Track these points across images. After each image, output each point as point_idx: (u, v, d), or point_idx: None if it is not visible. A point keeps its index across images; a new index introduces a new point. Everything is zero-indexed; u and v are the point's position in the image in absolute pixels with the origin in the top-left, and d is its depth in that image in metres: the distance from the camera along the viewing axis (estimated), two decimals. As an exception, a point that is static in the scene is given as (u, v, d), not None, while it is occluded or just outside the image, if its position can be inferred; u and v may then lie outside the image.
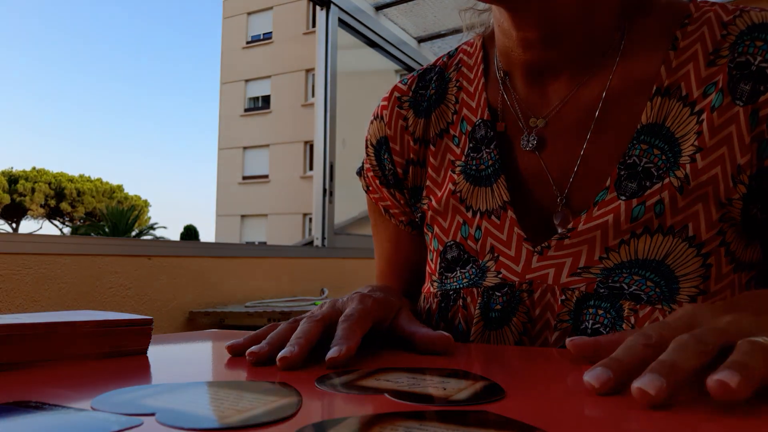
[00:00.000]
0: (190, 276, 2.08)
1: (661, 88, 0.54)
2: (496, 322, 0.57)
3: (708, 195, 0.51)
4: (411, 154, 0.67)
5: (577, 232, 0.54)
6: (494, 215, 0.59)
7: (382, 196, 0.70)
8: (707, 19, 0.55)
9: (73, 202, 26.49)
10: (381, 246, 0.74)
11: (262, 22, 22.23)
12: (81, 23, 52.99)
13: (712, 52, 0.54)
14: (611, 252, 0.53)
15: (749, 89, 0.51)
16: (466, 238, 0.61)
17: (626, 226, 0.53)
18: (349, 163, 2.82)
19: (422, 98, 0.67)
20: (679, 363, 0.31)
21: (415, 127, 0.66)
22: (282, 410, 0.29)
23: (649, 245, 0.52)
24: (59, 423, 0.27)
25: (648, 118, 0.54)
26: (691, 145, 0.52)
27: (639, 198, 0.53)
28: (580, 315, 0.53)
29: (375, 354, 0.47)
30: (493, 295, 0.57)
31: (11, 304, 1.59)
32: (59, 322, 0.44)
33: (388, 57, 3.34)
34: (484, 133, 0.61)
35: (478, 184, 0.61)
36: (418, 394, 0.33)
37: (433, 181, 0.65)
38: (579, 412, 0.30)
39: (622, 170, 0.54)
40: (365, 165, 0.72)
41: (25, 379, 0.38)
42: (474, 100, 0.64)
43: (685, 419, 0.28)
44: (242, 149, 22.50)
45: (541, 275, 0.56)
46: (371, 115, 0.71)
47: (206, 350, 0.55)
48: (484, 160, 0.61)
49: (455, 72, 0.67)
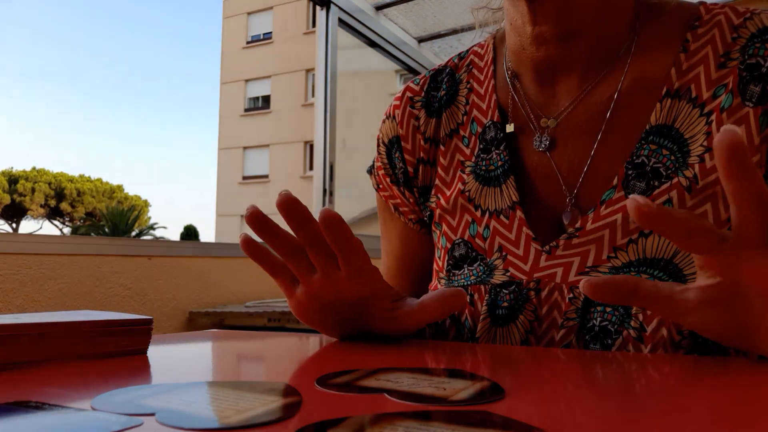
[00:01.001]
0: (190, 276, 2.08)
1: (671, 90, 0.55)
2: (502, 320, 0.57)
3: (717, 195, 0.52)
4: (422, 153, 0.67)
5: (585, 231, 0.55)
6: (503, 215, 0.60)
7: (392, 194, 0.71)
8: (717, 21, 0.56)
9: (73, 202, 26.50)
10: (390, 243, 0.74)
11: (262, 22, 22.24)
12: (81, 23, 52.99)
13: (723, 55, 0.54)
14: (619, 251, 0.53)
15: (759, 91, 0.52)
16: (474, 237, 0.61)
17: (634, 226, 0.53)
18: (349, 163, 2.83)
19: (434, 99, 0.68)
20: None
21: (426, 126, 0.67)
22: (282, 410, 0.29)
23: (658, 244, 0.52)
24: (59, 423, 0.27)
25: (657, 120, 0.55)
26: (699, 146, 0.53)
27: (647, 197, 0.53)
28: (587, 313, 0.53)
29: (375, 354, 0.47)
30: (501, 292, 0.57)
31: (11, 304, 1.60)
32: (59, 322, 0.44)
33: (388, 57, 3.35)
34: (494, 134, 0.62)
35: (488, 184, 0.61)
36: (418, 394, 0.33)
37: (443, 181, 0.66)
38: (579, 412, 0.30)
39: (629, 169, 0.55)
40: (376, 163, 0.73)
41: (25, 379, 0.38)
42: (484, 102, 0.65)
43: (685, 419, 0.28)
44: (242, 149, 22.51)
45: (549, 274, 0.56)
46: (383, 114, 0.72)
47: (206, 350, 0.55)
48: (493, 161, 0.62)
49: (466, 73, 0.68)
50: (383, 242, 0.76)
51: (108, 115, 53.79)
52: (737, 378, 0.36)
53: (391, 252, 0.74)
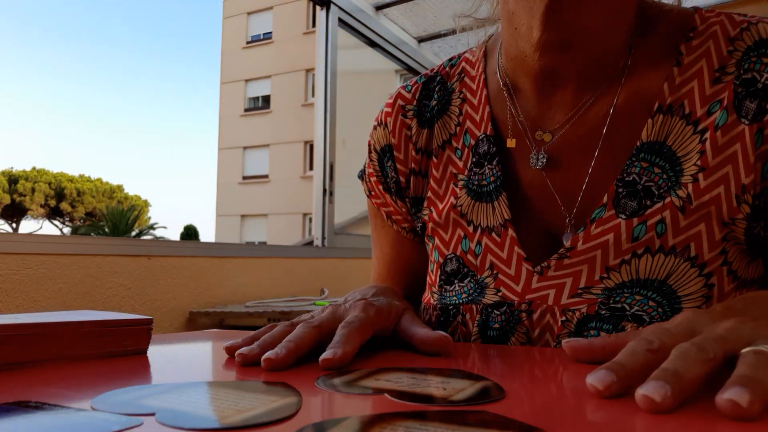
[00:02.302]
0: (190, 276, 2.08)
1: (663, 106, 0.53)
2: (494, 341, 0.56)
3: (711, 215, 0.50)
4: (413, 164, 0.66)
5: (577, 251, 0.53)
6: (495, 232, 0.58)
7: (384, 202, 0.70)
8: (713, 33, 0.54)
9: (73, 202, 26.49)
10: (381, 250, 0.73)
11: (262, 22, 22.23)
12: (81, 23, 53.01)
13: (718, 69, 0.52)
14: (612, 272, 0.52)
15: (755, 107, 0.50)
16: (466, 252, 0.60)
17: (627, 246, 0.52)
18: (349, 163, 2.83)
19: (426, 108, 0.66)
20: (681, 371, 0.30)
21: (418, 137, 0.66)
22: (282, 410, 0.29)
23: (651, 265, 0.51)
24: (59, 423, 0.27)
25: (648, 136, 0.53)
26: (693, 165, 0.51)
27: (640, 217, 0.52)
28: (580, 336, 0.52)
29: (375, 354, 0.47)
30: (492, 313, 0.57)
31: (11, 304, 1.59)
32: (59, 322, 0.44)
33: (388, 57, 3.35)
34: (487, 148, 0.61)
35: (480, 200, 0.60)
36: (418, 394, 0.33)
37: (435, 193, 0.64)
38: (579, 412, 0.30)
39: (620, 187, 0.53)
40: (367, 169, 0.71)
41: (25, 379, 0.38)
42: (478, 114, 0.63)
43: (685, 420, 0.28)
44: (242, 149, 22.50)
45: (541, 296, 0.55)
46: (374, 120, 0.70)
47: (206, 350, 0.55)
48: (486, 175, 0.60)
49: (458, 82, 0.66)
50: (374, 249, 0.74)
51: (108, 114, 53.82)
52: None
53: (383, 259, 0.73)
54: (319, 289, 2.62)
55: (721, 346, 0.33)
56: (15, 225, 26.01)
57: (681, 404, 0.30)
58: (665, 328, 0.37)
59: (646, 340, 0.35)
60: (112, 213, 23.77)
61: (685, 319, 0.38)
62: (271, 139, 21.47)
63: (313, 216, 2.77)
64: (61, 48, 52.00)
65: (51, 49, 52.17)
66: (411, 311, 0.54)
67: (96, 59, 52.26)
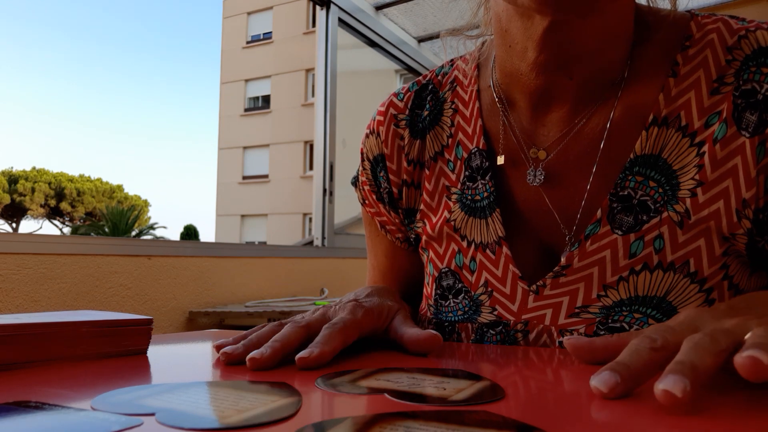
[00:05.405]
0: (190, 276, 2.08)
1: (658, 118, 0.52)
2: None
3: (710, 230, 0.49)
4: (405, 175, 0.64)
5: (573, 268, 0.52)
6: (489, 249, 0.57)
7: (378, 211, 0.69)
8: (710, 41, 0.52)
9: (73, 202, 26.50)
10: (376, 258, 0.72)
11: (262, 22, 22.23)
12: (81, 23, 53.00)
13: (716, 80, 0.51)
14: (609, 289, 0.51)
15: (756, 120, 0.48)
16: (461, 268, 0.59)
17: (624, 262, 0.51)
18: (349, 163, 2.83)
19: (418, 118, 0.65)
20: (697, 363, 0.30)
21: (411, 148, 0.64)
22: (282, 410, 0.29)
23: (649, 282, 0.50)
24: (59, 423, 0.27)
25: (643, 149, 0.52)
26: (691, 179, 0.50)
27: (637, 233, 0.51)
28: None
29: (375, 354, 0.47)
30: (487, 332, 0.56)
31: (11, 304, 1.59)
32: (59, 322, 0.44)
33: (388, 57, 3.35)
34: (480, 162, 0.59)
35: (474, 215, 0.59)
36: (418, 394, 0.33)
37: (428, 206, 0.63)
38: (579, 412, 0.30)
39: (614, 202, 0.52)
40: (361, 177, 0.69)
41: (25, 379, 0.38)
42: (470, 126, 0.61)
43: (685, 420, 0.28)
44: (242, 149, 22.50)
45: (537, 316, 0.54)
46: (366, 128, 0.68)
47: (206, 350, 0.55)
48: (479, 190, 0.59)
49: (450, 92, 0.64)
50: (369, 256, 0.74)
51: (108, 114, 53.82)
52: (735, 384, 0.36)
53: (377, 267, 0.72)
54: (319, 289, 2.62)
55: (731, 339, 0.32)
56: (15, 225, 26.01)
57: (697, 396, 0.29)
58: (668, 326, 0.36)
59: (649, 338, 0.34)
60: (112, 213, 23.78)
61: (688, 317, 0.38)
62: (271, 139, 21.47)
63: (313, 216, 2.78)
64: (61, 48, 52.01)
65: (51, 49, 52.18)
66: (404, 311, 0.54)
67: (96, 59, 52.28)
